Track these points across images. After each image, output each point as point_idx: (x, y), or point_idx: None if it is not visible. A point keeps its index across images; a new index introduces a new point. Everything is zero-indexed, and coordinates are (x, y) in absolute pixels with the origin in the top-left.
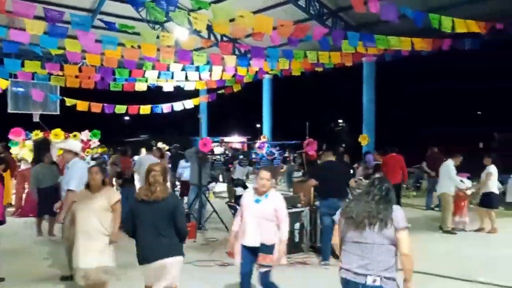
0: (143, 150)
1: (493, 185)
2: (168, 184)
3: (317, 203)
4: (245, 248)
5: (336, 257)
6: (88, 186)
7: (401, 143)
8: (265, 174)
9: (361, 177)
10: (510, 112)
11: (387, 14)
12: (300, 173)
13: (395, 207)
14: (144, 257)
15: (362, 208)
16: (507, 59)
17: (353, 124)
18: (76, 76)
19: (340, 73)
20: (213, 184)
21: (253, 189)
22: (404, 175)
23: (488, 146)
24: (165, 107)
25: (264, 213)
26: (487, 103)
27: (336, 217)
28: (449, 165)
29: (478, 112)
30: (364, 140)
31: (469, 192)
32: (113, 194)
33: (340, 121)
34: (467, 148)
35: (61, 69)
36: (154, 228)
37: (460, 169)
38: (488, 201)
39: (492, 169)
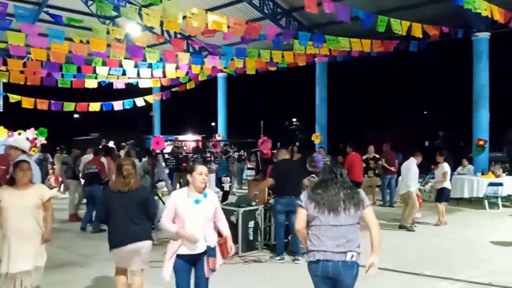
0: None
1: (446, 181)
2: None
3: (271, 201)
4: (181, 259)
5: (291, 253)
6: (10, 182)
7: (352, 142)
8: (203, 168)
9: (313, 175)
10: (453, 111)
11: (340, 15)
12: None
13: (360, 189)
14: (119, 241)
15: (334, 195)
16: (451, 61)
17: (306, 123)
18: (21, 72)
19: (295, 72)
20: (161, 183)
21: (187, 189)
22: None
23: (433, 144)
24: (116, 105)
25: (208, 213)
26: (432, 103)
27: (303, 203)
28: (412, 164)
29: (424, 112)
30: (317, 138)
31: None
32: (46, 192)
33: (294, 119)
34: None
35: (4, 63)
36: (127, 215)
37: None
38: (441, 195)
39: (446, 166)
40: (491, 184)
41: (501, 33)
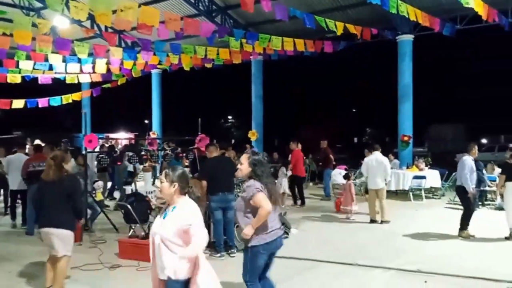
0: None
1: None
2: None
3: None
4: None
5: (225, 249)
6: None
7: (288, 139)
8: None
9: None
10: (380, 109)
11: (278, 14)
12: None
13: None
14: (38, 222)
15: (277, 189)
16: (378, 61)
17: (242, 120)
18: None
19: (231, 70)
20: (99, 183)
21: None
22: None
23: (361, 140)
24: (42, 102)
25: (165, 232)
26: (361, 101)
27: (261, 191)
28: (386, 160)
29: (353, 110)
30: (253, 135)
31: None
32: None
33: (229, 117)
34: (345, 142)
35: None
36: (51, 202)
37: (343, 162)
38: None
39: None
40: (415, 177)
41: (423, 35)
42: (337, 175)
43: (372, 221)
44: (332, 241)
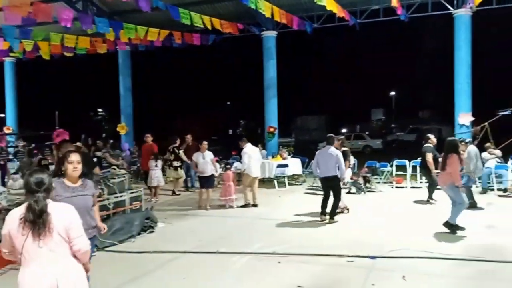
0: None
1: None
2: None
3: None
4: None
5: None
6: None
7: (160, 132)
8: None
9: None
10: (251, 102)
11: (140, 3)
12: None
13: None
14: None
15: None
16: (249, 55)
17: (113, 113)
18: None
19: (98, 60)
20: None
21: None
22: None
23: (235, 132)
24: None
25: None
26: (234, 94)
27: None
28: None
29: (228, 102)
30: (122, 129)
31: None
32: None
33: (100, 110)
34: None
35: None
36: None
37: (216, 154)
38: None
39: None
40: (279, 166)
41: (286, 32)
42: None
43: (245, 205)
44: (198, 231)
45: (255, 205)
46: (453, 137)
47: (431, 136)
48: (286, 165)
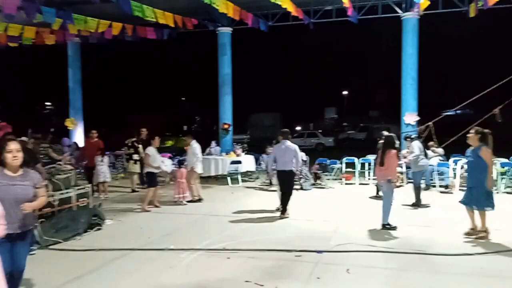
0: None
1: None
2: None
3: None
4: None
5: None
6: None
7: (111, 127)
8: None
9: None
10: (207, 98)
11: None
12: None
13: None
14: None
15: None
16: (204, 51)
17: (63, 107)
18: None
19: (46, 51)
20: None
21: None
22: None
23: (191, 128)
24: None
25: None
26: (189, 90)
27: None
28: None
29: (183, 98)
30: (71, 124)
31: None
32: None
33: (48, 103)
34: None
35: None
36: None
37: (163, 150)
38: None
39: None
40: (232, 162)
41: (242, 29)
42: (160, 163)
43: (196, 200)
44: (147, 229)
45: (200, 200)
46: (391, 134)
47: (385, 133)
48: (239, 162)
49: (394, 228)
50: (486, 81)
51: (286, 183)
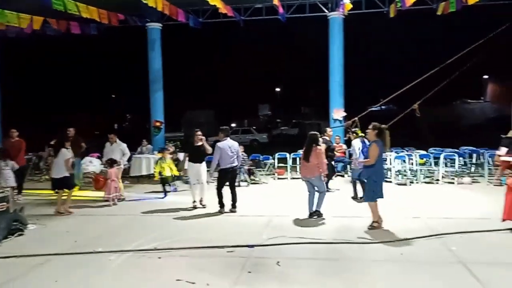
0: None
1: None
2: None
3: None
4: None
5: None
6: None
7: (36, 126)
8: None
9: None
10: (139, 95)
11: None
12: None
13: None
14: None
15: None
16: (134, 46)
17: None
18: None
19: None
20: None
21: None
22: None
23: (122, 127)
24: None
25: None
26: (120, 87)
27: None
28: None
29: (113, 96)
30: None
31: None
32: None
33: None
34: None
35: None
36: None
37: (93, 150)
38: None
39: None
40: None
41: (174, 25)
42: (88, 163)
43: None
44: (74, 232)
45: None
46: (314, 131)
47: (328, 129)
48: None
49: (321, 215)
50: (408, 78)
51: (231, 179)
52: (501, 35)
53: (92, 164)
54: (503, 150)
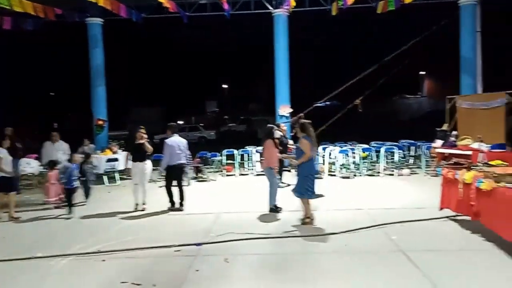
0: None
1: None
2: None
3: None
4: None
5: None
6: None
7: None
8: None
9: None
10: (80, 92)
11: None
12: None
13: None
14: None
15: None
16: (74, 42)
17: None
18: None
19: None
20: None
21: None
22: None
23: (62, 126)
24: None
25: None
26: (58, 84)
27: None
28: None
29: (51, 93)
30: None
31: None
32: None
33: None
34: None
35: None
36: None
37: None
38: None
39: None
40: (109, 160)
41: (116, 20)
42: (25, 164)
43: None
44: (11, 238)
45: None
46: (269, 125)
47: (282, 124)
48: (116, 159)
49: (280, 210)
50: (351, 75)
51: (178, 176)
52: (437, 33)
53: (30, 166)
54: (438, 142)
